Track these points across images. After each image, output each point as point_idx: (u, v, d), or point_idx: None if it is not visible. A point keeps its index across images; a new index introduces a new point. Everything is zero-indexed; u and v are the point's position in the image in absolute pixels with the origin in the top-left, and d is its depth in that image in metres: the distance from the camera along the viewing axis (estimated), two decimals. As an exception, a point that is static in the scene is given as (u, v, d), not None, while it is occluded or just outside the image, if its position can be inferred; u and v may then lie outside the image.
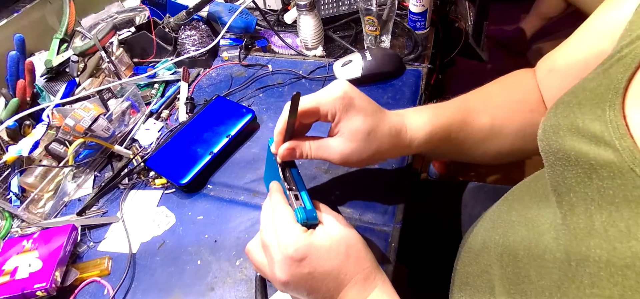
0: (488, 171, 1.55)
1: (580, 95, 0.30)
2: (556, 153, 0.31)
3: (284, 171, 0.42)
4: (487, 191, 0.68)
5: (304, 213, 0.38)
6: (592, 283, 0.25)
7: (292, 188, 0.41)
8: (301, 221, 0.37)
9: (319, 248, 0.36)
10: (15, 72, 0.70)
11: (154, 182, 0.61)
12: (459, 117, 0.46)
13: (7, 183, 0.60)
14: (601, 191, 0.26)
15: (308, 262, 0.35)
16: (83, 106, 0.62)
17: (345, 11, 0.85)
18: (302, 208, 0.38)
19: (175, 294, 0.48)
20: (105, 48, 0.74)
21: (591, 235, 0.26)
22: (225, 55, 0.83)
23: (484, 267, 0.41)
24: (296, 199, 0.40)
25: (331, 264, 0.36)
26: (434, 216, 0.71)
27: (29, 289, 0.46)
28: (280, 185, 0.42)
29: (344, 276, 0.37)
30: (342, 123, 0.41)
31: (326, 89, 0.41)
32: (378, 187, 0.55)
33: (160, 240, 0.54)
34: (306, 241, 0.36)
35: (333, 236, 0.37)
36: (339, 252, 0.37)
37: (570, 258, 0.28)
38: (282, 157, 0.42)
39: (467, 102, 0.48)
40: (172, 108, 0.74)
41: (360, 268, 0.37)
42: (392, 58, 0.71)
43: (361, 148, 0.41)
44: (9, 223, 0.57)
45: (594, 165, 0.27)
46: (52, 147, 0.61)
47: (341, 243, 0.37)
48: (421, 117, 0.45)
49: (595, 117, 0.27)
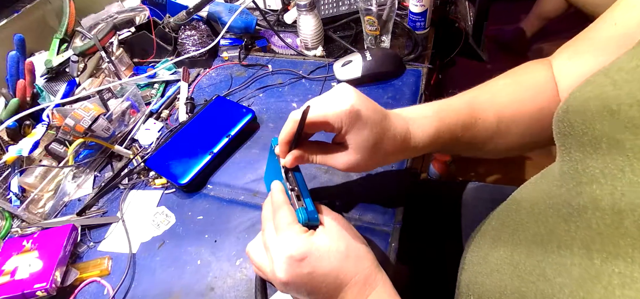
0: (488, 171, 1.55)
1: (616, 76, 0.26)
2: (581, 137, 0.28)
3: (286, 171, 0.42)
4: (487, 191, 0.68)
5: (306, 214, 0.38)
6: (622, 283, 0.24)
7: (294, 188, 0.41)
8: (302, 222, 0.38)
9: (320, 248, 0.36)
10: (15, 72, 0.70)
11: (154, 182, 0.61)
12: (464, 117, 0.45)
13: (7, 183, 0.60)
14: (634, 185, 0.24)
15: (308, 262, 0.36)
16: (83, 106, 0.62)
17: (345, 11, 0.85)
18: (304, 208, 0.39)
19: (175, 294, 0.48)
20: (105, 48, 0.74)
21: None
22: (225, 55, 0.83)
23: (493, 267, 0.41)
24: (298, 200, 0.40)
25: (331, 264, 0.36)
26: (434, 216, 0.71)
27: (29, 289, 0.46)
28: (282, 185, 0.42)
29: (344, 276, 0.37)
30: (349, 135, 0.40)
31: (333, 100, 0.40)
32: (378, 187, 0.55)
33: (160, 239, 0.54)
34: (307, 241, 0.36)
35: (333, 236, 0.38)
36: (339, 252, 0.37)
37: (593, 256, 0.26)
38: (288, 165, 0.42)
39: (473, 100, 0.47)
40: (172, 108, 0.74)
41: (360, 267, 0.38)
42: (392, 58, 0.71)
43: (367, 158, 0.41)
44: (9, 223, 0.57)
45: (630, 157, 0.24)
46: (52, 147, 0.61)
47: (341, 244, 0.38)
48: (426, 120, 0.44)
49: (634, 101, 0.24)
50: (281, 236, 0.37)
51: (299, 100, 0.70)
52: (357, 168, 0.43)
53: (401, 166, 0.57)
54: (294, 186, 0.41)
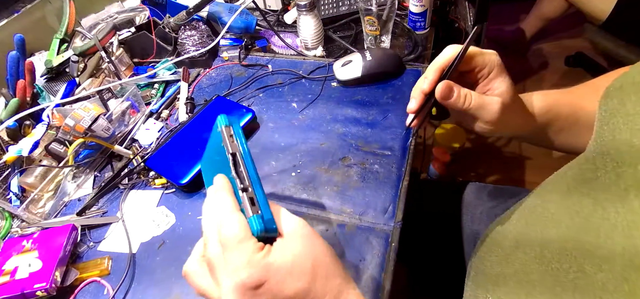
0: (488, 171, 1.55)
1: None
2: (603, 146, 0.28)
3: (236, 163, 0.32)
4: (488, 191, 0.68)
5: (262, 224, 0.30)
6: None
7: (248, 188, 0.32)
8: (257, 234, 0.30)
9: (280, 269, 0.29)
10: (15, 72, 0.70)
11: (154, 182, 0.61)
12: (566, 98, 0.46)
13: (7, 183, 0.60)
14: None
15: (267, 288, 0.29)
16: (83, 106, 0.62)
17: (345, 11, 0.85)
18: (259, 216, 0.30)
19: (175, 295, 0.48)
20: (105, 48, 0.74)
21: None
22: (225, 55, 0.83)
23: (518, 266, 0.38)
24: (252, 204, 0.31)
25: (295, 287, 0.30)
26: (434, 216, 0.71)
27: (29, 289, 0.46)
28: (228, 182, 0.33)
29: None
30: (494, 82, 0.40)
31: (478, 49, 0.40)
32: (378, 187, 0.55)
33: (160, 239, 0.54)
34: (263, 262, 0.29)
35: (296, 251, 0.31)
36: (304, 271, 0.30)
37: (636, 249, 0.24)
38: (440, 96, 0.39)
39: (574, 90, 0.48)
40: (172, 108, 0.74)
41: (330, 287, 0.31)
42: (392, 58, 0.71)
43: (509, 109, 0.41)
44: (9, 223, 0.57)
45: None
46: (52, 147, 0.61)
47: (306, 260, 0.31)
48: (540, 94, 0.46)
49: None
50: (230, 256, 0.29)
51: (298, 100, 0.70)
52: (502, 120, 0.41)
53: (401, 166, 0.57)
54: (247, 185, 0.32)
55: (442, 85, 0.39)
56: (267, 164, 0.61)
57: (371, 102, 0.68)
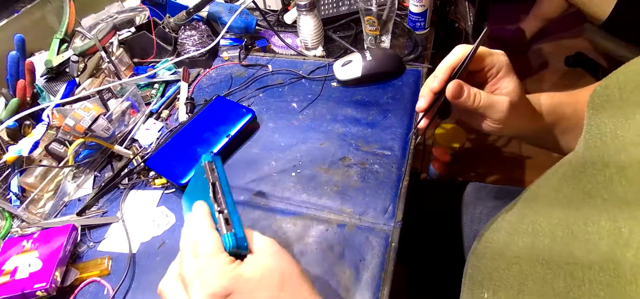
0: (488, 171, 1.55)
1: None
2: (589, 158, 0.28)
3: (215, 190, 0.36)
4: (488, 191, 0.68)
5: (234, 240, 0.33)
6: None
7: (224, 210, 0.35)
8: (229, 250, 0.33)
9: (248, 281, 0.31)
10: (15, 72, 0.70)
11: (154, 182, 0.61)
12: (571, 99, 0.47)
13: (7, 183, 0.60)
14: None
15: (235, 298, 0.31)
16: (83, 106, 0.62)
17: (345, 11, 0.85)
18: (232, 234, 0.33)
19: (175, 294, 0.48)
20: (105, 48, 0.74)
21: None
22: (225, 55, 0.83)
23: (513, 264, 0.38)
24: (226, 224, 0.34)
25: (264, 298, 0.32)
26: (434, 216, 0.71)
27: (29, 289, 0.46)
28: (207, 206, 0.36)
29: None
30: (502, 81, 0.40)
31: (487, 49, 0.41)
32: (378, 187, 0.55)
33: (160, 239, 0.54)
34: (233, 273, 0.31)
35: (265, 264, 0.33)
36: (272, 284, 0.32)
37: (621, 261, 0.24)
38: (451, 95, 0.40)
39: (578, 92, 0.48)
40: (172, 108, 0.74)
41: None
42: (392, 59, 0.71)
43: (517, 108, 0.41)
44: (9, 223, 0.57)
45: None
46: (52, 147, 0.61)
47: (274, 273, 0.33)
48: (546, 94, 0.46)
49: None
50: (202, 268, 0.31)
51: (298, 100, 0.70)
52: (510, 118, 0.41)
53: (401, 166, 0.57)
54: (223, 208, 0.35)
55: (453, 84, 0.39)
56: (267, 164, 0.61)
57: (371, 102, 0.68)
